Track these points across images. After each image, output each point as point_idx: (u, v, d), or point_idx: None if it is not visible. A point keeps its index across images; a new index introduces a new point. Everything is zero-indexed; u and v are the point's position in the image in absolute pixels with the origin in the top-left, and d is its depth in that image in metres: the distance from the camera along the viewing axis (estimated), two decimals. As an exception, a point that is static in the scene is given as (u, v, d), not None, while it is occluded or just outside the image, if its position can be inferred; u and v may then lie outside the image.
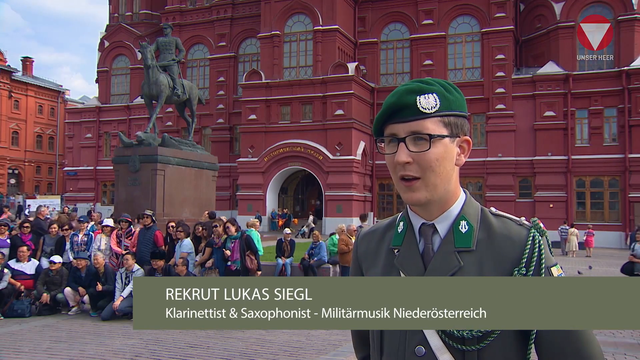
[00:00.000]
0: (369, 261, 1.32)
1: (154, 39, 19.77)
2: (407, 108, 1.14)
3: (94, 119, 39.32)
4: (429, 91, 1.15)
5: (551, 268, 1.14)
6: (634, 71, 26.82)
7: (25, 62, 53.04)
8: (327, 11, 29.84)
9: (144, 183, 14.48)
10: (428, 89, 1.16)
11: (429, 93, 1.15)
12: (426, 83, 1.17)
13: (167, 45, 16.77)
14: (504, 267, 1.13)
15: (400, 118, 1.15)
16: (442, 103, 1.15)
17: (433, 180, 1.14)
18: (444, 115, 1.16)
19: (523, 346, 1.13)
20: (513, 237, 1.15)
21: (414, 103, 1.14)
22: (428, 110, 1.14)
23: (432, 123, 1.14)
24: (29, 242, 9.70)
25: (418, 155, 1.13)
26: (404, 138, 1.14)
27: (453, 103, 1.17)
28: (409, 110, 1.14)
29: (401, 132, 1.15)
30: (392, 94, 1.17)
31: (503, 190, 28.74)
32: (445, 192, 1.18)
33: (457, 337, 1.10)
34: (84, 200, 37.90)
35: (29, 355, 6.19)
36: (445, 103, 1.16)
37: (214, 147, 33.49)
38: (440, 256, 1.17)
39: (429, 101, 1.14)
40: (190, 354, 6.36)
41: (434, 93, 1.15)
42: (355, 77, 28.95)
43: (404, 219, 1.27)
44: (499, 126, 28.90)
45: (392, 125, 1.17)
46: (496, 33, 29.30)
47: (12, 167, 49.30)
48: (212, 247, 8.58)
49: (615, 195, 27.67)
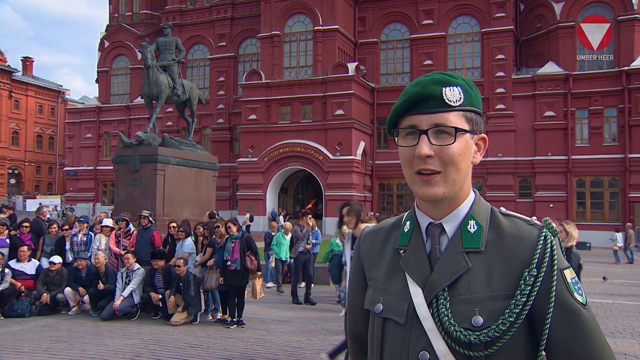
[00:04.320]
0: (371, 261, 1.27)
1: (154, 39, 19.77)
2: (433, 99, 1.09)
3: (94, 119, 39.31)
4: (454, 84, 1.11)
5: (564, 271, 1.08)
6: (634, 71, 26.82)
7: (26, 62, 53.03)
8: (327, 11, 29.84)
9: (144, 183, 14.48)
10: (453, 81, 1.11)
11: (454, 85, 1.11)
12: (451, 76, 1.12)
13: (167, 45, 16.77)
14: (514, 269, 1.07)
15: (423, 109, 1.10)
16: (465, 97, 1.11)
17: (453, 175, 1.10)
18: (467, 110, 1.12)
19: (533, 353, 1.07)
20: (524, 237, 1.10)
21: (440, 94, 1.09)
22: (453, 102, 1.09)
23: (455, 117, 1.10)
24: (28, 242, 9.68)
25: (441, 149, 1.08)
26: (426, 130, 1.09)
27: (474, 99, 1.13)
28: (434, 101, 1.09)
29: (424, 124, 1.09)
30: (415, 84, 1.12)
31: (503, 190, 28.74)
32: (459, 190, 1.13)
33: (463, 342, 1.05)
34: (84, 200, 37.91)
35: (29, 355, 6.18)
36: (468, 98, 1.12)
37: (214, 147, 33.49)
38: (447, 257, 1.11)
39: (454, 93, 1.10)
40: (190, 354, 6.35)
41: (458, 86, 1.11)
42: (355, 77, 28.94)
43: (410, 219, 1.21)
44: (499, 126, 28.90)
45: (413, 116, 1.11)
46: (496, 33, 29.31)
47: (12, 167, 49.30)
48: (213, 247, 8.57)
49: (615, 195, 27.67)
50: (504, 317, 1.04)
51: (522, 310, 1.04)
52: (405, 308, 1.13)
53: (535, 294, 1.05)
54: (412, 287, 1.13)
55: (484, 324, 1.04)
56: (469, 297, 1.07)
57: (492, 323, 1.04)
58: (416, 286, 1.13)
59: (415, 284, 1.13)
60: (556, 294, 1.05)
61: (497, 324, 1.04)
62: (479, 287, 1.08)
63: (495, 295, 1.06)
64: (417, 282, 1.13)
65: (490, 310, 1.05)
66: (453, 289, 1.09)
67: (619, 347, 6.80)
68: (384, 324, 1.17)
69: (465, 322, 1.06)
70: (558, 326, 1.05)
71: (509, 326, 1.04)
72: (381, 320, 1.18)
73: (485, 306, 1.06)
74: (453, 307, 1.08)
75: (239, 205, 31.33)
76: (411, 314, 1.12)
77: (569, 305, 1.05)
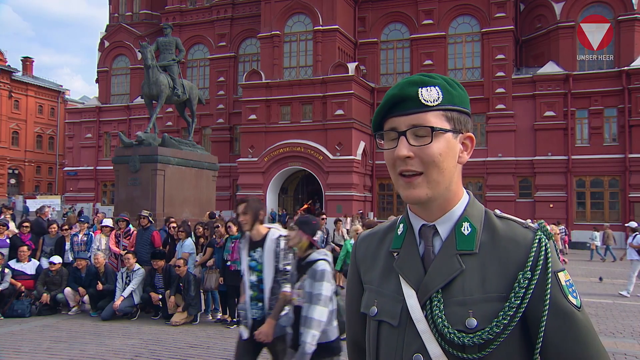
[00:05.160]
0: (367, 264, 1.27)
1: (154, 39, 19.78)
2: (409, 100, 1.10)
3: (94, 119, 39.30)
4: (431, 84, 1.11)
5: (558, 273, 1.08)
6: (634, 71, 26.81)
7: (26, 62, 53.01)
8: (327, 11, 29.83)
9: (144, 183, 14.49)
10: (430, 81, 1.11)
11: (431, 86, 1.11)
12: (429, 76, 1.13)
13: (167, 45, 16.78)
14: (509, 271, 1.07)
15: (401, 111, 1.10)
16: (444, 96, 1.11)
17: (435, 176, 1.09)
18: (447, 110, 1.11)
19: (527, 355, 1.07)
20: (518, 240, 1.09)
21: (416, 95, 1.09)
22: (430, 102, 1.09)
23: (434, 116, 1.09)
24: (28, 242, 9.69)
25: (419, 149, 1.08)
26: (404, 131, 1.09)
27: (456, 98, 1.12)
28: (410, 102, 1.09)
29: (402, 125, 1.10)
30: (394, 87, 1.13)
31: (503, 191, 28.73)
32: (446, 191, 1.12)
33: (457, 344, 1.04)
34: (84, 201, 37.88)
35: (29, 355, 6.19)
36: (447, 97, 1.11)
37: (214, 147, 33.48)
38: (441, 259, 1.11)
39: (431, 94, 1.10)
40: (190, 354, 6.36)
41: (436, 86, 1.11)
42: (355, 77, 28.94)
43: (403, 221, 1.21)
44: (499, 126, 28.90)
45: (392, 118, 1.11)
46: (496, 33, 29.29)
47: (12, 167, 49.29)
48: (213, 247, 8.58)
49: (615, 195, 27.66)
50: (498, 320, 1.04)
51: (516, 312, 1.04)
52: (398, 310, 1.13)
53: (530, 297, 1.05)
54: (405, 289, 1.13)
55: (478, 326, 1.04)
56: (462, 299, 1.07)
57: (485, 325, 1.04)
58: (409, 288, 1.13)
59: (409, 286, 1.13)
60: (550, 296, 1.05)
61: (490, 326, 1.04)
62: (473, 289, 1.07)
63: (489, 297, 1.06)
64: (411, 284, 1.13)
65: (484, 312, 1.05)
66: (447, 291, 1.09)
67: (619, 347, 6.80)
68: (379, 327, 1.18)
69: (459, 324, 1.05)
70: (552, 329, 1.05)
71: (503, 328, 1.03)
72: (376, 323, 1.18)
73: (479, 308, 1.06)
74: (447, 309, 1.07)
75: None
76: (405, 316, 1.12)
77: (564, 308, 1.05)
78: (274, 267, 3.78)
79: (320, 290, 3.27)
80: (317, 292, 3.28)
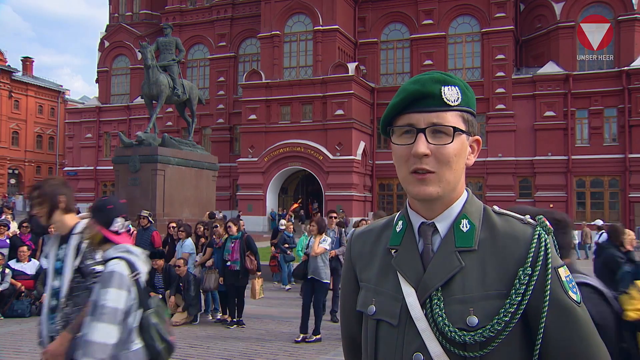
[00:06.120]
0: (363, 262, 1.25)
1: (154, 39, 19.77)
2: (431, 97, 1.08)
3: (94, 119, 39.31)
4: (453, 83, 1.10)
5: (558, 269, 1.07)
6: (634, 71, 26.81)
7: (26, 62, 52.99)
8: (327, 11, 29.83)
9: (144, 183, 14.49)
10: (452, 81, 1.10)
11: (452, 85, 1.10)
12: (449, 75, 1.12)
13: (167, 45, 16.79)
14: (508, 267, 1.06)
15: (421, 107, 1.08)
16: (463, 98, 1.10)
17: (448, 175, 1.08)
18: (463, 111, 1.11)
19: (528, 352, 1.06)
20: (518, 236, 1.08)
21: (439, 93, 1.08)
22: (451, 102, 1.08)
23: (453, 116, 1.09)
24: (28, 242, 9.69)
25: (437, 148, 1.07)
26: (424, 129, 1.08)
27: (470, 100, 1.13)
28: (432, 99, 1.08)
29: (421, 123, 1.08)
30: (414, 82, 1.11)
31: (503, 191, 28.73)
32: (453, 190, 1.12)
33: (458, 342, 1.04)
34: (84, 201, 37.84)
35: (29, 355, 6.19)
36: (465, 98, 1.11)
37: (214, 147, 33.47)
38: (440, 256, 1.10)
39: (453, 93, 1.09)
40: (190, 354, 6.36)
41: (457, 86, 1.10)
42: (355, 77, 28.94)
43: (402, 218, 1.20)
44: (499, 126, 28.90)
45: (410, 114, 1.09)
46: (496, 33, 29.30)
47: (12, 167, 49.28)
48: (212, 247, 8.58)
49: (615, 195, 27.67)
50: (499, 317, 1.03)
51: (517, 309, 1.04)
52: (398, 309, 1.12)
53: (530, 293, 1.04)
54: (404, 288, 1.12)
55: (479, 324, 1.03)
56: (463, 297, 1.06)
57: (487, 323, 1.03)
58: (409, 286, 1.11)
59: (408, 284, 1.12)
60: (551, 292, 1.05)
61: (492, 324, 1.03)
62: (473, 287, 1.07)
63: (490, 294, 1.06)
64: (410, 282, 1.12)
65: (484, 310, 1.04)
66: (447, 288, 1.08)
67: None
68: (377, 326, 1.16)
69: (460, 322, 1.05)
70: (553, 325, 1.05)
71: (504, 326, 1.03)
72: (374, 322, 1.16)
73: (480, 306, 1.05)
74: (447, 307, 1.06)
75: (239, 205, 31.34)
76: (404, 315, 1.11)
77: (564, 303, 1.05)
78: (75, 268, 2.85)
79: (104, 300, 2.30)
80: (101, 302, 2.30)
